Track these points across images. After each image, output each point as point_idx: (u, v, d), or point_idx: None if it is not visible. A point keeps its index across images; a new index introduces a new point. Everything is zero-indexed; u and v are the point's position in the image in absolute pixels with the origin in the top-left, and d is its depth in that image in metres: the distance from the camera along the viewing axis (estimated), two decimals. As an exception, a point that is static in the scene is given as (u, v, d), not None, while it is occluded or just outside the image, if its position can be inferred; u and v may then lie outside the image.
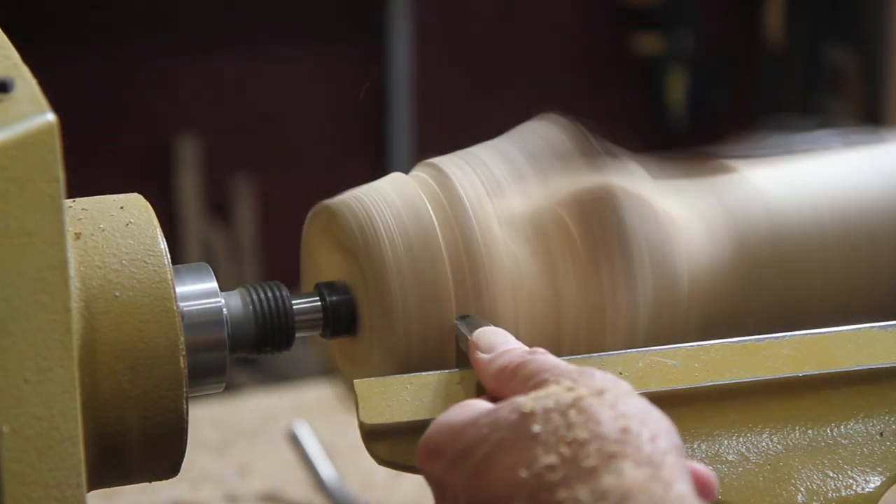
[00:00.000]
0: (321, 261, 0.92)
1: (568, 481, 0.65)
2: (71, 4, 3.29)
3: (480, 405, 0.73)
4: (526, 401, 0.70)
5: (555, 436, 0.67)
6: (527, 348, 0.78)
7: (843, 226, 0.95)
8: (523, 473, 0.67)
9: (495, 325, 0.83)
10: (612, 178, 0.89)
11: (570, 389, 0.70)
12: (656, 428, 0.68)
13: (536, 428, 0.68)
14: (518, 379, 0.75)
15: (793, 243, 0.94)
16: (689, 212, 0.92)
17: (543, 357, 0.76)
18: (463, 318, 0.85)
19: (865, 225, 0.96)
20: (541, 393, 0.70)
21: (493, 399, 0.75)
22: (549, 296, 0.86)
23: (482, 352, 0.79)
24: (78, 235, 0.80)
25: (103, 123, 3.31)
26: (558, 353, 0.84)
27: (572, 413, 0.68)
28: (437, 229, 0.86)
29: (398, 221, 0.87)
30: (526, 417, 0.69)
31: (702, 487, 0.70)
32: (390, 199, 0.89)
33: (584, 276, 0.87)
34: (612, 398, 0.69)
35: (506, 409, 0.70)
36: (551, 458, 0.66)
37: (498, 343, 0.80)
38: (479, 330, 0.81)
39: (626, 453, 0.65)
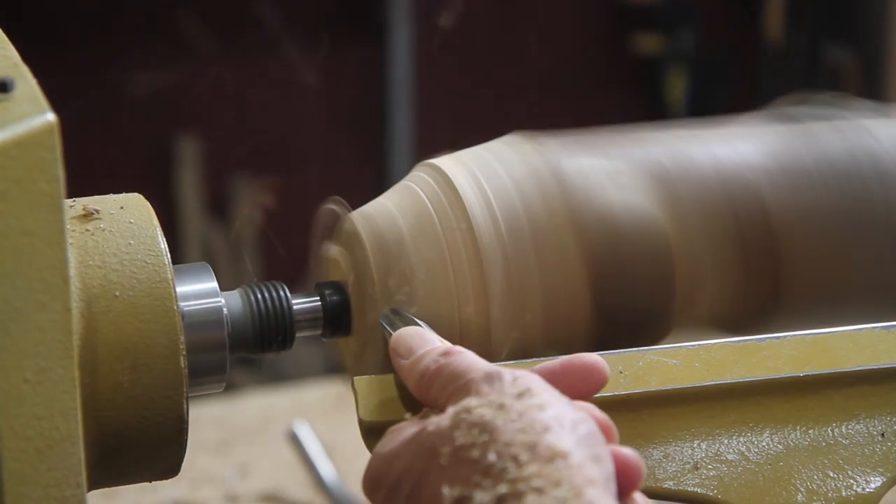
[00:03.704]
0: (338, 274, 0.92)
1: None
2: (71, 4, 3.29)
3: (405, 432, 0.73)
4: (439, 423, 0.70)
5: (466, 463, 0.67)
6: (444, 348, 0.77)
7: (843, 224, 0.95)
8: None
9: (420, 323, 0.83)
10: (604, 174, 0.89)
11: (476, 407, 0.69)
12: (559, 432, 0.67)
13: (446, 452, 0.68)
14: (436, 387, 0.75)
15: (791, 238, 0.93)
16: (681, 204, 0.92)
17: (459, 359, 0.75)
18: (391, 312, 0.84)
19: (865, 224, 0.95)
20: (449, 412, 0.70)
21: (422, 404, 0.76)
22: (548, 293, 0.86)
23: (401, 357, 0.79)
24: (88, 216, 0.80)
25: (103, 123, 3.30)
26: (555, 351, 0.84)
27: (478, 434, 0.68)
28: (438, 228, 0.86)
29: (397, 221, 0.87)
30: (442, 441, 0.69)
31: (626, 472, 0.70)
32: (390, 200, 0.89)
33: (582, 273, 0.87)
34: (519, 408, 0.69)
35: (422, 434, 0.71)
36: (473, 490, 0.66)
37: (416, 346, 0.79)
38: (396, 333, 0.81)
39: (533, 477, 0.65)
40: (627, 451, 0.70)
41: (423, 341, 0.79)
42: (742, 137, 0.97)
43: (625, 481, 0.69)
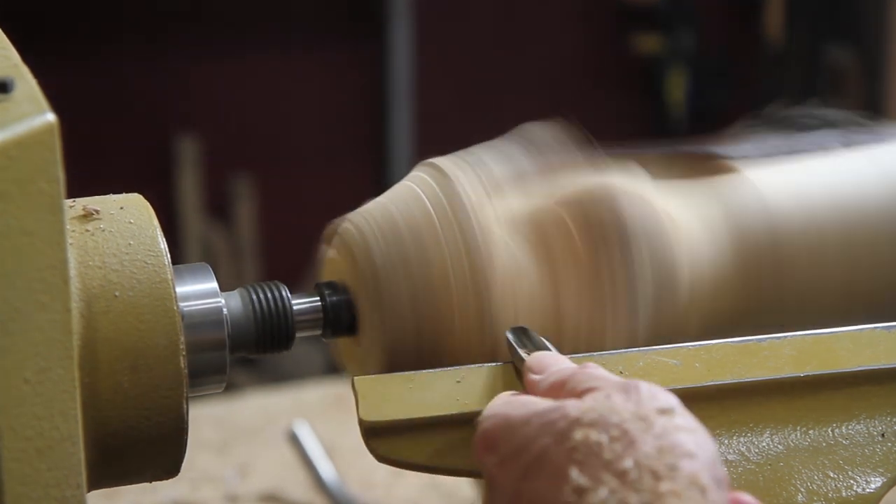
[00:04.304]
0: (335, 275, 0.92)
1: None
2: (70, 5, 3.29)
3: (538, 403, 0.72)
4: (576, 406, 0.69)
5: (599, 459, 0.66)
6: (577, 366, 0.78)
7: (843, 226, 0.95)
8: (568, 496, 0.66)
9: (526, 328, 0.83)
10: (611, 179, 0.89)
11: (620, 409, 0.69)
12: (702, 463, 0.67)
13: (580, 439, 0.67)
14: (569, 387, 0.74)
15: (792, 244, 0.94)
16: (688, 212, 0.92)
17: (594, 370, 0.75)
18: (521, 330, 0.84)
19: (865, 226, 0.95)
20: (588, 402, 0.70)
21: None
22: (550, 295, 0.86)
23: (534, 373, 0.79)
24: (88, 216, 0.80)
25: (103, 123, 3.31)
26: (558, 351, 0.84)
27: (618, 436, 0.67)
28: (438, 229, 0.86)
29: (397, 220, 0.87)
30: (580, 429, 0.68)
31: None
32: (390, 200, 0.89)
33: (585, 276, 0.87)
34: (663, 424, 0.68)
35: (557, 412, 0.70)
36: (598, 486, 0.65)
37: (550, 364, 0.79)
38: (535, 355, 0.80)
39: (669, 495, 0.65)
40: (747, 498, 0.70)
41: (556, 361, 0.79)
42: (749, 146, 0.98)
43: None
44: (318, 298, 0.89)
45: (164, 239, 0.81)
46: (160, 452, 0.81)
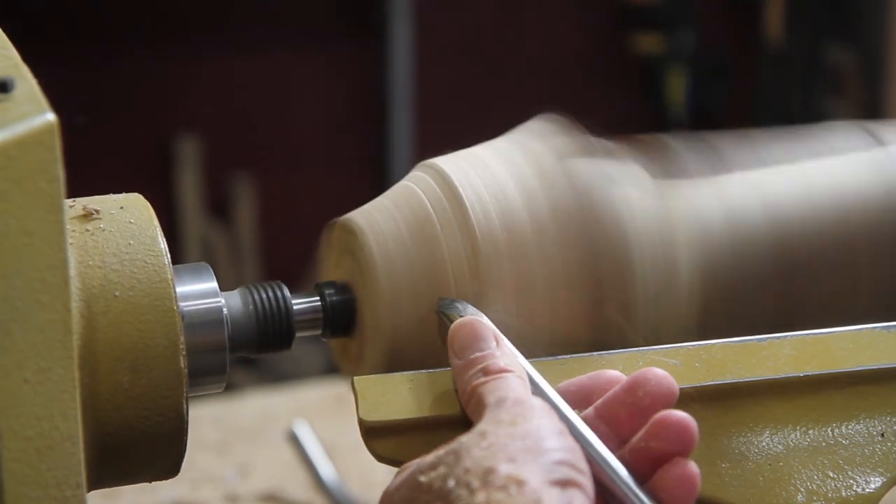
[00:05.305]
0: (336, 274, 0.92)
1: None
2: (70, 5, 3.29)
3: (407, 468, 0.74)
4: (422, 469, 0.71)
5: (431, 491, 0.69)
6: (487, 364, 0.78)
7: (844, 225, 0.95)
8: None
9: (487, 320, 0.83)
10: (610, 176, 0.89)
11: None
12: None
13: (424, 481, 0.70)
14: (470, 408, 0.77)
15: (792, 242, 0.94)
16: (687, 210, 0.92)
17: (494, 385, 0.76)
18: (451, 301, 0.84)
19: (866, 224, 0.95)
20: (438, 465, 0.71)
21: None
22: (549, 294, 0.86)
23: (455, 356, 0.80)
24: (88, 216, 0.80)
25: (103, 123, 3.30)
26: (557, 352, 0.84)
27: (451, 461, 0.70)
28: (438, 229, 0.86)
29: (397, 220, 0.87)
30: (422, 471, 0.71)
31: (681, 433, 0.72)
32: (390, 200, 0.89)
33: (584, 274, 0.87)
34: (499, 434, 0.70)
35: (413, 467, 0.72)
36: None
37: (469, 346, 0.80)
38: (453, 326, 0.81)
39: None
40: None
41: (476, 340, 0.80)
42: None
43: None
44: (318, 298, 0.89)
45: (164, 239, 0.81)
46: (160, 452, 0.81)
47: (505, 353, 0.79)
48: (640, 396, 0.76)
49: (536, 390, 0.77)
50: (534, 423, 0.71)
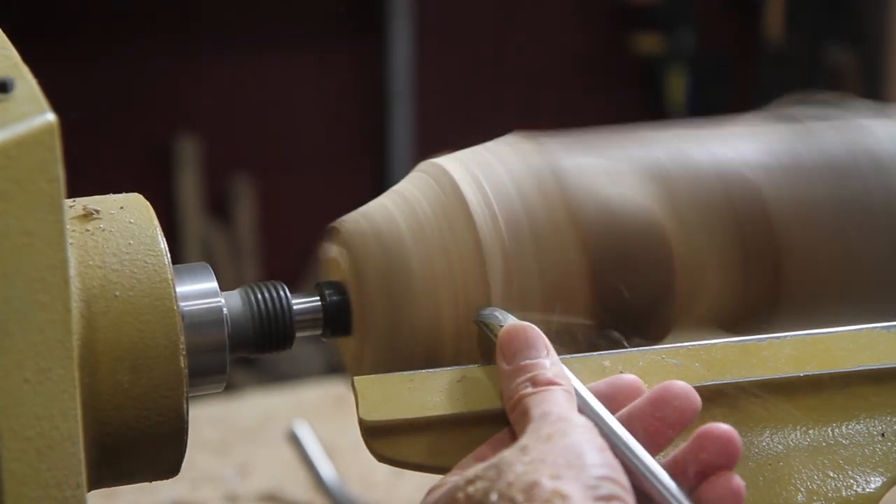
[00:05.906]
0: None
1: None
2: (70, 5, 3.29)
3: (443, 487, 0.73)
4: (461, 485, 0.71)
5: None
6: (542, 369, 0.78)
7: (844, 225, 0.95)
8: None
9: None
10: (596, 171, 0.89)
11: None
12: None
13: (461, 498, 0.69)
14: (515, 415, 0.76)
15: (791, 243, 0.94)
16: (687, 211, 0.92)
17: (539, 398, 0.76)
18: (488, 311, 0.84)
19: (866, 220, 0.95)
20: (477, 480, 0.71)
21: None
22: (547, 293, 0.86)
23: (504, 361, 0.79)
24: (88, 216, 0.80)
25: (103, 123, 3.30)
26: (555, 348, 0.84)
27: (492, 475, 0.69)
28: (438, 229, 0.86)
29: (397, 220, 0.87)
30: (462, 487, 0.70)
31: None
32: (390, 200, 0.89)
33: (584, 278, 0.87)
34: (541, 449, 0.70)
35: (450, 483, 0.72)
36: None
37: (519, 353, 0.79)
38: (506, 329, 0.81)
39: None
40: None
41: (527, 347, 0.79)
42: (741, 136, 0.97)
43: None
44: (317, 298, 0.89)
45: (164, 239, 0.81)
46: (160, 452, 0.81)
47: (554, 363, 0.79)
48: (668, 413, 0.76)
49: (582, 403, 0.77)
50: (574, 438, 0.71)
